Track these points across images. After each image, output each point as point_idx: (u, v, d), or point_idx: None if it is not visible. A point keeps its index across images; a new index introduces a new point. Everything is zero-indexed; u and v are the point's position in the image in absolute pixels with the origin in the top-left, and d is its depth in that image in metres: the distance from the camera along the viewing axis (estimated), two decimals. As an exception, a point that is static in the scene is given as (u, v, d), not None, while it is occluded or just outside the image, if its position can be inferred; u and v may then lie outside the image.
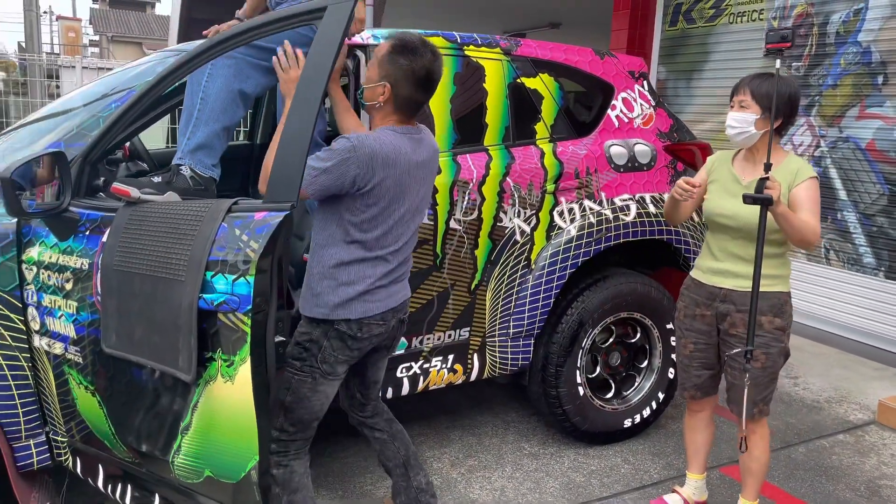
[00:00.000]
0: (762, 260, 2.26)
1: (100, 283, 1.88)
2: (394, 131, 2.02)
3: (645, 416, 3.28)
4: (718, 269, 2.45)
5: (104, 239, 1.91)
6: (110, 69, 12.86)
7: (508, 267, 2.91)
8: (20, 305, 2.13)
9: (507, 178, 2.86)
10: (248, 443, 1.61)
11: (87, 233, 1.98)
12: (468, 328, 2.90)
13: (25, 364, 2.15)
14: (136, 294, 1.76)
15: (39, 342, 2.13)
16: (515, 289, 2.92)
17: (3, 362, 2.11)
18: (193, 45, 2.77)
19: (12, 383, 2.13)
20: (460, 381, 2.95)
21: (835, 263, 4.83)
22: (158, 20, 37.70)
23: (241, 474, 1.65)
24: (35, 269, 2.10)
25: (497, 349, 2.96)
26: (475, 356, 2.93)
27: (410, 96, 2.04)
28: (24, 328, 2.13)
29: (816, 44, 4.93)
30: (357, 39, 2.61)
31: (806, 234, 2.23)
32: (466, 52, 2.91)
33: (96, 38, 37.99)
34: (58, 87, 12.77)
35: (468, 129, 2.87)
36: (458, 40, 2.91)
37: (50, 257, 2.06)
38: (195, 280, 1.61)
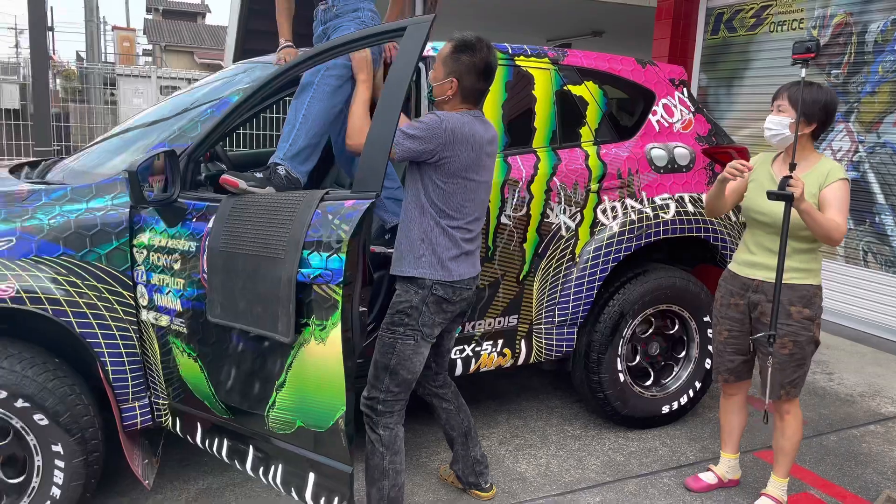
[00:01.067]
0: (787, 253, 2.47)
1: (206, 262, 2.19)
2: (467, 114, 2.32)
3: (682, 403, 3.49)
4: (753, 261, 2.66)
5: (210, 225, 2.23)
6: (173, 78, 13.38)
7: (554, 260, 3.15)
8: (131, 284, 2.45)
9: (554, 178, 3.11)
10: (337, 396, 1.89)
11: (194, 220, 2.30)
12: (516, 315, 3.15)
13: (134, 335, 2.48)
14: (240, 271, 2.06)
15: (146, 316, 2.46)
16: (560, 280, 3.17)
17: (116, 333, 2.44)
18: (266, 58, 3.10)
19: (123, 352, 2.46)
20: (509, 365, 3.20)
21: (872, 265, 4.94)
22: (209, 30, 38.87)
23: (330, 423, 1.94)
24: (145, 252, 2.43)
25: (543, 336, 3.20)
26: (522, 342, 3.18)
27: (474, 86, 2.35)
28: (134, 304, 2.46)
29: (855, 52, 5.06)
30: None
31: (830, 231, 2.42)
32: (517, 62, 3.18)
33: (149, 47, 39.37)
34: (112, 94, 13.42)
35: (518, 133, 3.13)
36: (510, 51, 3.17)
37: (159, 241, 2.38)
38: (294, 258, 1.91)
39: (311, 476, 2.05)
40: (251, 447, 2.22)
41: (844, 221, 2.48)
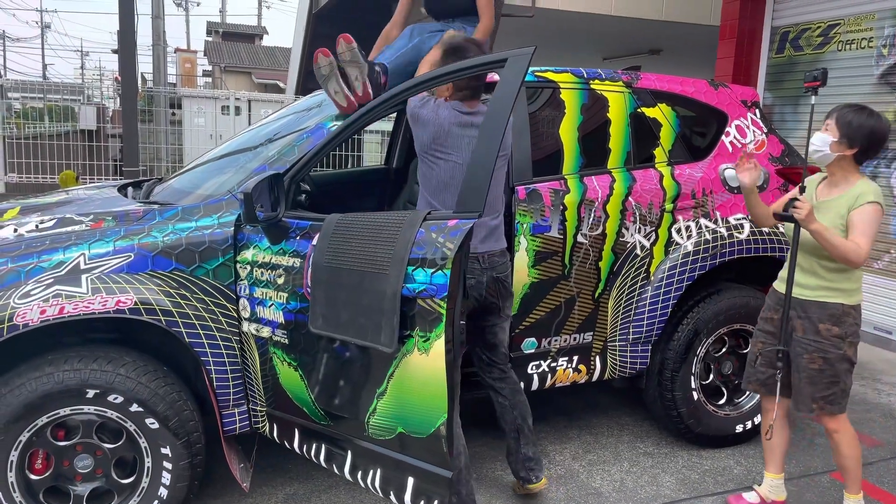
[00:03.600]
0: (816, 271, 2.61)
1: (310, 276, 2.34)
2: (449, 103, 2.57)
3: (756, 422, 3.49)
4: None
5: (314, 242, 2.38)
6: (237, 99, 13.82)
7: (629, 278, 3.22)
8: (234, 297, 2.63)
9: (630, 198, 3.19)
10: (439, 404, 2.01)
11: (298, 238, 2.46)
12: (591, 332, 3.22)
13: (235, 346, 2.65)
14: (344, 285, 2.20)
15: (248, 327, 2.62)
16: (635, 298, 3.23)
17: (220, 343, 2.61)
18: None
19: (226, 360, 2.63)
20: (583, 381, 3.27)
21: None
22: (266, 51, 40.05)
23: (431, 430, 2.05)
24: (248, 267, 2.59)
25: (617, 353, 3.27)
26: (597, 358, 3.25)
27: (466, 86, 2.57)
28: (236, 316, 2.63)
29: (929, 70, 4.99)
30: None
31: (847, 252, 2.47)
32: (592, 86, 3.27)
33: (209, 68, 40.75)
34: (173, 114, 13.99)
35: (594, 154, 3.22)
36: (585, 75, 3.27)
37: (263, 258, 2.55)
38: (399, 273, 2.04)
39: (411, 480, 2.16)
40: (349, 452, 2.35)
41: (867, 244, 2.49)
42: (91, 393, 2.44)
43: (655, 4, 8.22)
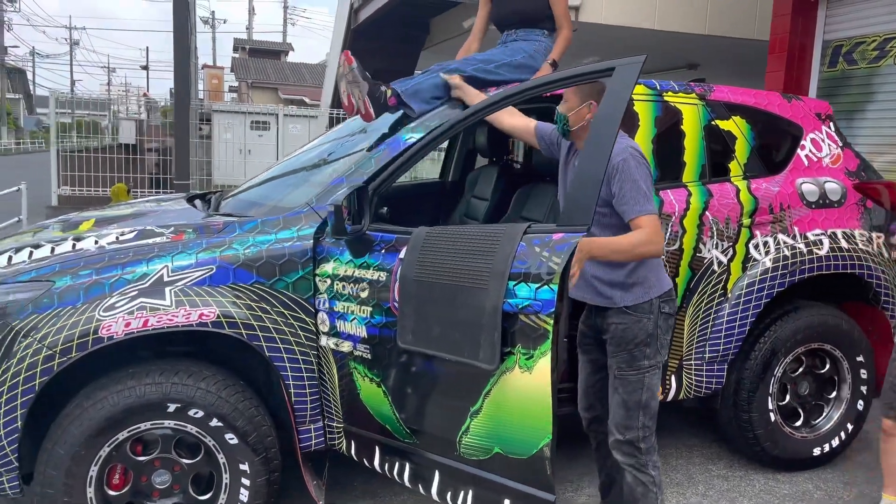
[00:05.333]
0: None
1: (398, 291, 2.29)
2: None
3: (833, 445, 3.37)
4: None
5: (401, 255, 2.33)
6: (263, 114, 13.91)
7: (706, 295, 3.13)
8: (313, 311, 2.58)
9: (706, 213, 3.11)
10: (544, 423, 1.93)
11: (383, 251, 2.42)
12: (667, 350, 3.13)
13: (313, 360, 2.60)
14: (435, 299, 2.15)
15: (326, 342, 2.58)
16: (712, 316, 3.14)
17: (299, 358, 2.57)
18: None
19: (305, 375, 2.58)
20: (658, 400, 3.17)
21: None
22: (291, 67, 40.52)
23: (533, 451, 1.98)
24: (329, 280, 2.55)
25: (693, 372, 3.17)
26: (672, 377, 3.16)
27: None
28: (314, 330, 2.59)
29: None
30: None
31: None
32: (665, 98, 3.21)
33: (235, 84, 41.29)
34: (200, 128, 14.14)
35: (668, 167, 3.15)
36: (658, 87, 3.21)
37: (345, 271, 2.50)
38: (499, 288, 1.98)
39: (507, 503, 2.09)
40: (437, 472, 2.28)
41: None
42: (172, 407, 2.41)
43: (699, 19, 8.15)
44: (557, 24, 3.24)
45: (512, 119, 2.73)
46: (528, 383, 1.95)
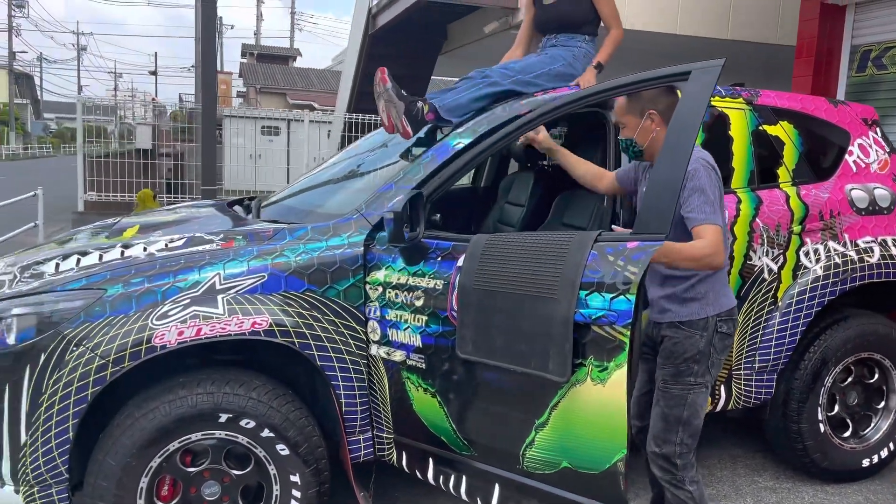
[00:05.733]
0: None
1: (456, 299, 2.24)
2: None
3: (883, 456, 3.30)
4: None
5: (459, 263, 2.28)
6: (273, 119, 13.86)
7: (756, 303, 3.07)
8: (363, 319, 2.53)
9: (756, 219, 3.05)
10: (618, 438, 1.88)
11: (440, 259, 2.37)
12: (716, 360, 3.07)
13: (364, 370, 2.55)
14: (498, 309, 2.10)
15: (377, 351, 2.53)
16: (762, 325, 3.08)
17: (350, 367, 2.52)
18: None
19: (355, 385, 2.53)
20: (708, 410, 3.11)
21: None
22: (299, 72, 40.60)
23: (606, 465, 1.92)
24: (380, 288, 2.50)
25: (742, 382, 3.11)
26: (722, 388, 3.10)
27: (670, 105, 2.29)
28: (365, 339, 2.54)
29: None
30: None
31: None
32: (712, 103, 3.16)
33: (243, 89, 41.38)
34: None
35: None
36: (704, 93, 3.16)
37: (398, 279, 2.46)
38: (570, 298, 1.92)
39: (575, 518, 2.03)
40: (497, 485, 2.23)
41: None
42: (224, 417, 2.36)
43: (721, 23, 8.10)
44: (606, 24, 3.19)
45: (586, 166, 2.70)
46: (602, 395, 1.90)
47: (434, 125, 2.91)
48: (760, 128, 3.21)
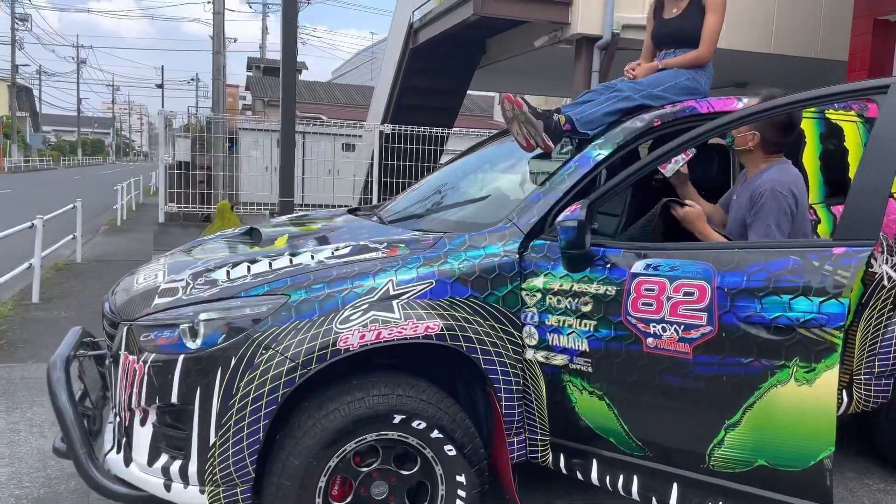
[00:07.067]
0: None
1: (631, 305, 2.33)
2: (785, 164, 2.62)
3: None
4: None
5: (633, 270, 2.37)
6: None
7: (876, 309, 3.16)
8: (519, 324, 2.62)
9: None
10: (824, 436, 1.96)
11: (608, 265, 2.46)
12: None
13: (519, 373, 2.63)
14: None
15: (533, 355, 2.61)
16: (882, 330, 3.17)
17: (509, 370, 2.60)
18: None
19: (514, 388, 2.61)
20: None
21: None
22: (306, 85, 40.80)
23: (811, 462, 2.00)
24: (538, 294, 2.59)
25: (862, 386, 3.20)
26: (844, 392, 3.18)
27: (775, 139, 2.64)
28: (521, 343, 2.62)
29: None
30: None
31: None
32: (827, 115, 3.27)
33: (248, 102, 41.58)
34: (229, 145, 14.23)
35: (836, 184, 3.20)
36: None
37: (560, 285, 2.54)
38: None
39: (771, 514, 2.11)
40: (676, 484, 2.30)
41: None
42: (398, 418, 2.44)
43: (764, 37, 8.25)
44: (700, 40, 3.23)
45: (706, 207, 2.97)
46: (807, 395, 1.98)
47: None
48: (872, 139, 3.32)
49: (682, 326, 2.22)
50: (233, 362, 2.31)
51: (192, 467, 2.35)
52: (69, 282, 8.50)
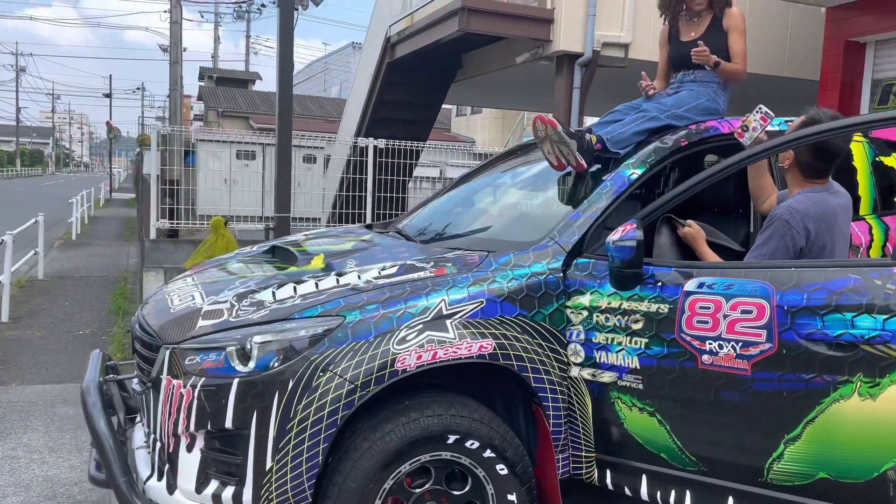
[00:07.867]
0: None
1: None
2: (815, 191, 2.62)
3: None
4: None
5: (686, 287, 2.42)
6: (248, 143, 13.67)
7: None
8: (565, 342, 2.64)
9: (888, 244, 3.30)
10: (886, 448, 2.03)
11: (659, 284, 2.49)
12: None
13: (565, 390, 2.65)
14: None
15: (579, 372, 2.63)
16: None
17: (557, 388, 2.62)
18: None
19: (561, 405, 2.63)
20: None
21: None
22: (261, 96, 40.28)
23: (874, 474, 2.07)
24: (585, 312, 2.62)
25: None
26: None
27: (810, 163, 2.64)
28: (566, 361, 2.64)
29: None
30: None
31: None
32: (835, 136, 3.40)
33: (200, 112, 40.80)
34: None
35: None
36: (826, 126, 3.41)
37: (608, 303, 2.57)
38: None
39: (832, 525, 2.17)
40: (731, 498, 2.35)
41: None
42: (452, 439, 2.43)
43: (777, 61, 8.40)
44: (733, 60, 3.32)
45: (767, 181, 2.98)
46: (872, 410, 2.05)
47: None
48: (878, 158, 3.47)
49: (741, 343, 2.27)
50: (290, 385, 2.26)
51: (248, 494, 2.29)
52: (35, 299, 8.18)
